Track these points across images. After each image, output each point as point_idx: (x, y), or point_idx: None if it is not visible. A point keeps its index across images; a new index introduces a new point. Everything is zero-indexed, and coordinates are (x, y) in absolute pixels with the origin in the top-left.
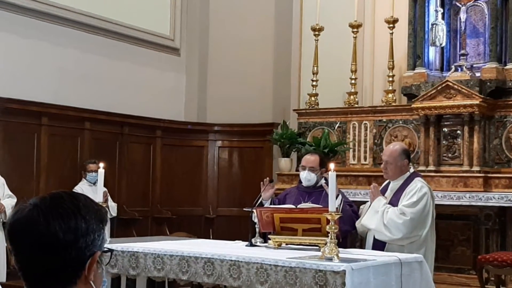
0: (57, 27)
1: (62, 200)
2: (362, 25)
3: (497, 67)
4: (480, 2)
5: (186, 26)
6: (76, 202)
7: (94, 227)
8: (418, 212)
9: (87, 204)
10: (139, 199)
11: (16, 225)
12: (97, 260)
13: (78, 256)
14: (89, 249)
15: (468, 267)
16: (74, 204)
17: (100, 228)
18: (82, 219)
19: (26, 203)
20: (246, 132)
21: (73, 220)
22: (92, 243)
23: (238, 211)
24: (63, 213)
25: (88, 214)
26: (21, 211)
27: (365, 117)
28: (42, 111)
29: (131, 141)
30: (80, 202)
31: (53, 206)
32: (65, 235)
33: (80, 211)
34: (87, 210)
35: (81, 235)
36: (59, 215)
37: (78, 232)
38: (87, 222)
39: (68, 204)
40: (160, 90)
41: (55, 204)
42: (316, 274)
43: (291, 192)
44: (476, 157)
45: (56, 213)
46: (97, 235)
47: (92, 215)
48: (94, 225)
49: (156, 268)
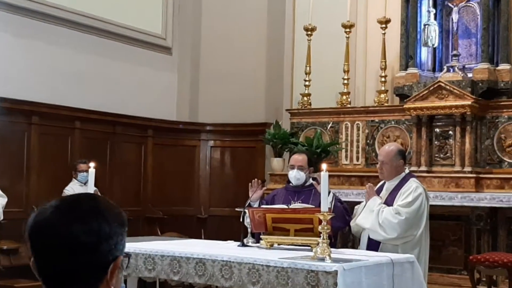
0: (49, 26)
1: (83, 202)
2: (354, 25)
3: (489, 67)
4: (472, 3)
5: (178, 25)
6: (98, 205)
7: (116, 230)
8: (413, 212)
9: (109, 206)
10: (130, 199)
11: (38, 228)
12: (119, 267)
13: (101, 260)
14: (112, 253)
15: (459, 267)
16: (96, 206)
17: (122, 231)
18: (106, 222)
19: (46, 205)
20: (238, 132)
21: (95, 223)
22: (115, 247)
23: (230, 211)
24: (85, 215)
25: (110, 216)
26: (42, 213)
27: (358, 117)
28: (33, 110)
29: (123, 140)
30: (102, 205)
31: (75, 208)
32: (87, 237)
33: (102, 213)
34: (109, 213)
35: (104, 238)
36: (81, 217)
37: (101, 235)
38: (110, 224)
39: (90, 206)
40: (152, 90)
41: (77, 206)
42: (308, 274)
43: (279, 193)
44: (467, 158)
45: (78, 215)
46: (120, 239)
47: (114, 218)
48: (116, 228)
49: (147, 268)
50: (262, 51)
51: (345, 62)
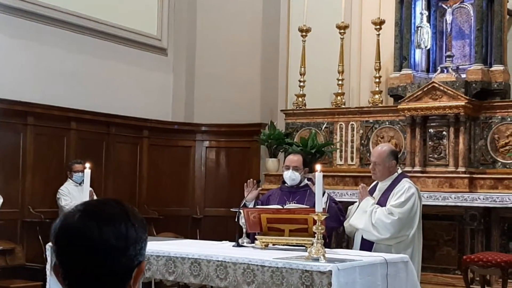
0: (44, 27)
1: (111, 207)
2: (349, 27)
3: (483, 68)
4: (466, 4)
5: (173, 26)
6: (125, 209)
7: (141, 235)
8: (406, 212)
9: (134, 211)
10: (125, 199)
11: (66, 231)
12: (143, 272)
13: (127, 264)
14: (137, 258)
15: (453, 267)
16: (124, 210)
17: (146, 237)
18: (132, 227)
19: (72, 209)
20: (233, 133)
21: (123, 227)
22: (140, 251)
23: (225, 211)
24: (115, 219)
25: (136, 221)
26: (70, 216)
27: (352, 117)
28: (28, 111)
29: (118, 141)
30: (128, 210)
31: (104, 212)
32: (117, 241)
33: (130, 219)
34: (135, 218)
35: (131, 243)
36: (111, 221)
37: (129, 239)
38: (136, 230)
39: (118, 211)
40: (147, 90)
41: (105, 210)
42: (303, 274)
43: (274, 193)
44: (461, 158)
45: (107, 219)
46: (144, 244)
47: (139, 223)
48: (141, 233)
49: None
50: (257, 52)
51: (339, 63)
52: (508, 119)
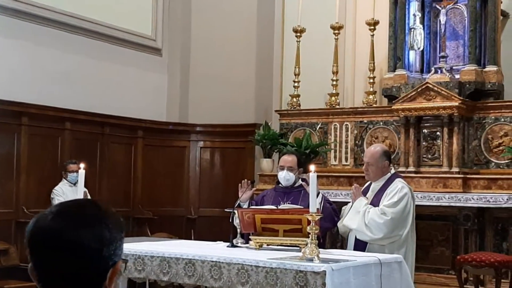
0: (38, 27)
1: (85, 208)
2: (343, 27)
3: (476, 69)
4: (460, 5)
5: (168, 27)
6: (99, 210)
7: (116, 235)
8: (399, 212)
9: (110, 212)
10: (120, 199)
11: (40, 233)
12: (117, 273)
13: (102, 265)
14: (112, 258)
15: (447, 267)
16: (98, 211)
17: (121, 237)
18: (106, 227)
19: (45, 212)
20: (228, 133)
21: (97, 228)
22: (114, 252)
23: (219, 211)
24: (89, 221)
25: (111, 222)
26: (43, 218)
27: (346, 118)
28: (23, 111)
29: (112, 141)
30: (103, 210)
31: (78, 214)
32: (91, 243)
33: (104, 220)
34: (110, 219)
35: (106, 244)
36: (84, 223)
37: (103, 240)
38: (110, 230)
39: (92, 212)
40: (141, 90)
41: (79, 211)
42: (297, 275)
43: (269, 194)
44: (455, 158)
45: (81, 221)
46: (118, 244)
47: (114, 224)
48: (116, 234)
49: (137, 269)
50: (251, 52)
51: (334, 64)
52: (501, 119)
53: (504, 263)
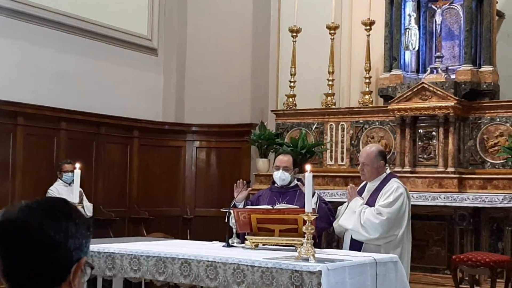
0: (34, 27)
1: (54, 203)
2: (339, 27)
3: (472, 69)
4: (455, 5)
5: (164, 26)
6: (68, 206)
7: (83, 232)
8: (395, 212)
9: (77, 211)
10: (116, 199)
11: (6, 225)
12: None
13: (66, 258)
14: (77, 252)
15: (442, 267)
16: (66, 207)
17: (88, 235)
18: (73, 222)
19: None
20: (224, 133)
21: (64, 222)
22: (79, 246)
23: (215, 211)
24: (55, 213)
25: (78, 218)
26: (11, 211)
27: (342, 118)
28: (18, 111)
29: (108, 141)
30: (71, 207)
31: (45, 207)
32: (56, 234)
33: (71, 214)
34: (78, 215)
35: (70, 236)
36: (51, 215)
37: (68, 233)
38: (77, 225)
39: (60, 207)
40: (137, 90)
41: (47, 205)
42: (293, 275)
43: (264, 193)
44: (451, 158)
45: (48, 213)
46: (85, 241)
47: (81, 220)
48: (83, 230)
49: (133, 269)
50: (247, 52)
51: (329, 64)
52: (497, 119)
53: (500, 263)
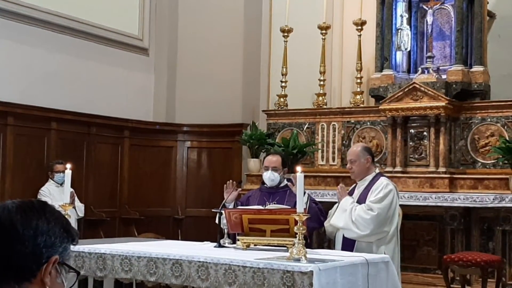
0: (24, 26)
1: (31, 203)
2: (330, 27)
3: (463, 69)
4: (447, 5)
5: (155, 26)
6: (43, 206)
7: (56, 231)
8: (385, 207)
9: (55, 212)
10: (106, 199)
11: None
12: (57, 268)
13: (34, 253)
14: (47, 249)
15: (433, 266)
16: (41, 207)
17: (63, 236)
18: (45, 220)
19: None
20: (215, 133)
21: (35, 220)
22: (51, 245)
23: (206, 211)
24: (27, 211)
25: (52, 218)
26: None
27: (334, 118)
28: (8, 111)
29: (99, 141)
30: (47, 208)
31: (20, 206)
32: (25, 230)
33: (45, 214)
34: (52, 216)
35: (40, 233)
36: (22, 212)
37: (38, 230)
38: (49, 223)
39: (35, 207)
40: (128, 90)
41: (24, 204)
42: (284, 275)
43: (254, 194)
44: (442, 158)
45: (20, 211)
46: (59, 241)
47: (56, 221)
48: (56, 229)
49: (124, 269)
50: (238, 52)
51: (321, 64)
52: (488, 119)
53: (490, 263)
